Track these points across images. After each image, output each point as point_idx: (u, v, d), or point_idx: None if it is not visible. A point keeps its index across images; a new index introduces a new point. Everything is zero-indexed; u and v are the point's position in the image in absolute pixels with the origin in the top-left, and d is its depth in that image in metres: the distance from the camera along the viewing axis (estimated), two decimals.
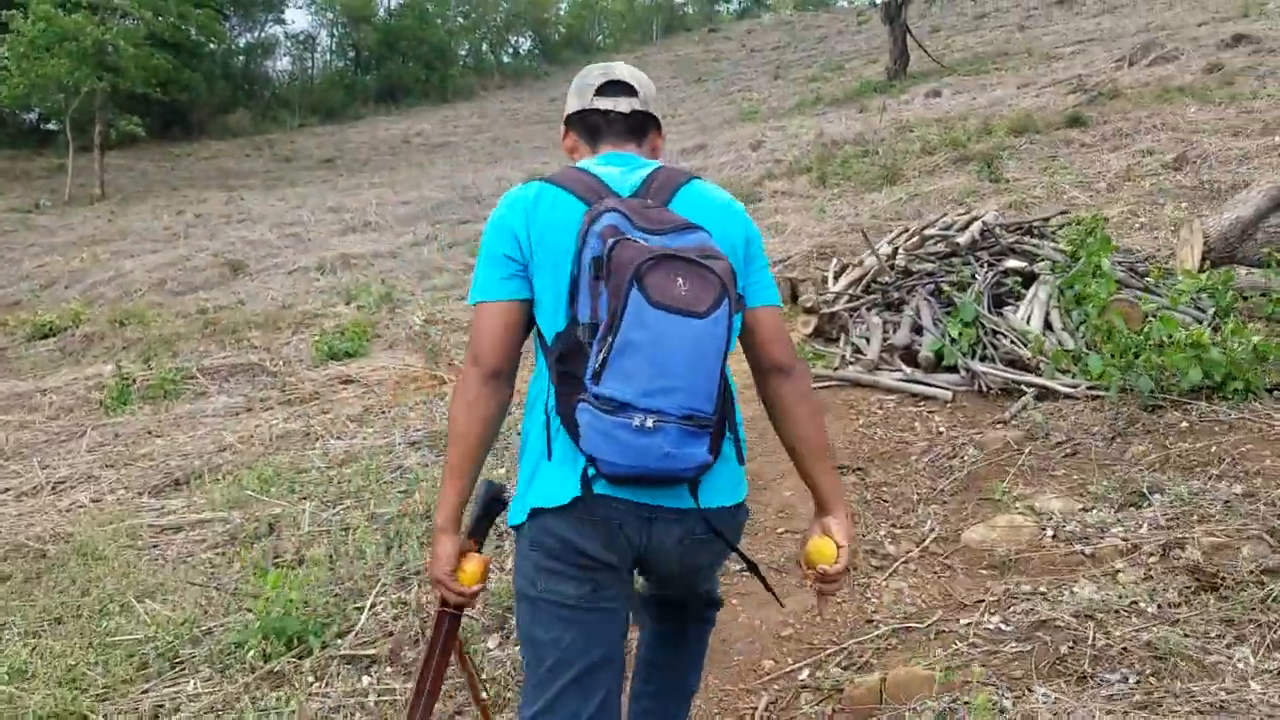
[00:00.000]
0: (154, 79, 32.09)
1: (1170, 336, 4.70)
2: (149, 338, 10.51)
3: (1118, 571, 3.31)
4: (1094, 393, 5.01)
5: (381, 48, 48.67)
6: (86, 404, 7.87)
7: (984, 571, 3.57)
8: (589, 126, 2.05)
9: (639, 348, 1.65)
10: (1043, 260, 6.42)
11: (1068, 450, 4.46)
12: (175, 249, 18.56)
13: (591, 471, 1.76)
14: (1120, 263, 6.40)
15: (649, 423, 1.65)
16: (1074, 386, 5.10)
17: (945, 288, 6.31)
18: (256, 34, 49.54)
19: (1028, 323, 5.90)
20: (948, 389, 5.47)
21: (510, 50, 57.61)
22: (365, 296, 11.20)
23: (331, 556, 4.19)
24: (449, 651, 2.02)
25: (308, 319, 10.87)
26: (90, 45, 29.29)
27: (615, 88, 2.03)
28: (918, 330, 6.05)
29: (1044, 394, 5.19)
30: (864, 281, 7.09)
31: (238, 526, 4.74)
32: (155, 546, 4.67)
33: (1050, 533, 3.72)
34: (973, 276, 6.35)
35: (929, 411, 5.40)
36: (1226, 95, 14.91)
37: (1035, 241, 6.70)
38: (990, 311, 5.98)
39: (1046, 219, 7.05)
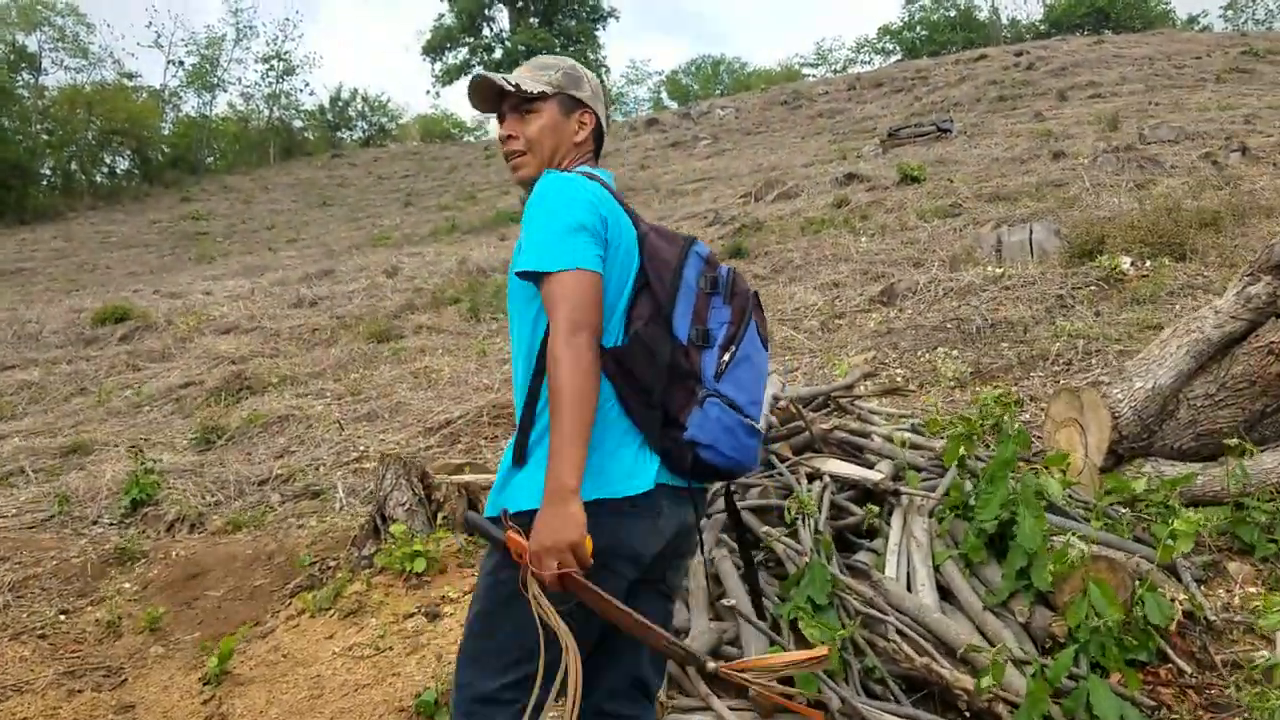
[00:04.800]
0: None
1: None
2: None
3: None
4: None
5: None
6: None
7: None
8: (600, 137, 2.13)
9: (751, 364, 1.88)
10: (879, 459, 3.75)
11: None
12: None
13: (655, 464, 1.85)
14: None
15: (758, 425, 1.86)
16: None
17: (748, 520, 3.41)
18: None
19: (907, 587, 3.13)
20: None
21: (105, 169, 49.66)
22: None
23: None
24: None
25: None
26: None
27: None
28: (716, 614, 3.07)
29: None
30: None
31: None
32: None
33: None
34: (786, 495, 3.51)
35: None
36: (875, 226, 13.93)
37: (855, 426, 4.03)
38: (845, 570, 3.15)
39: (849, 386, 4.47)
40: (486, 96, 2.09)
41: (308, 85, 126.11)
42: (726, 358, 1.84)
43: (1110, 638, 2.76)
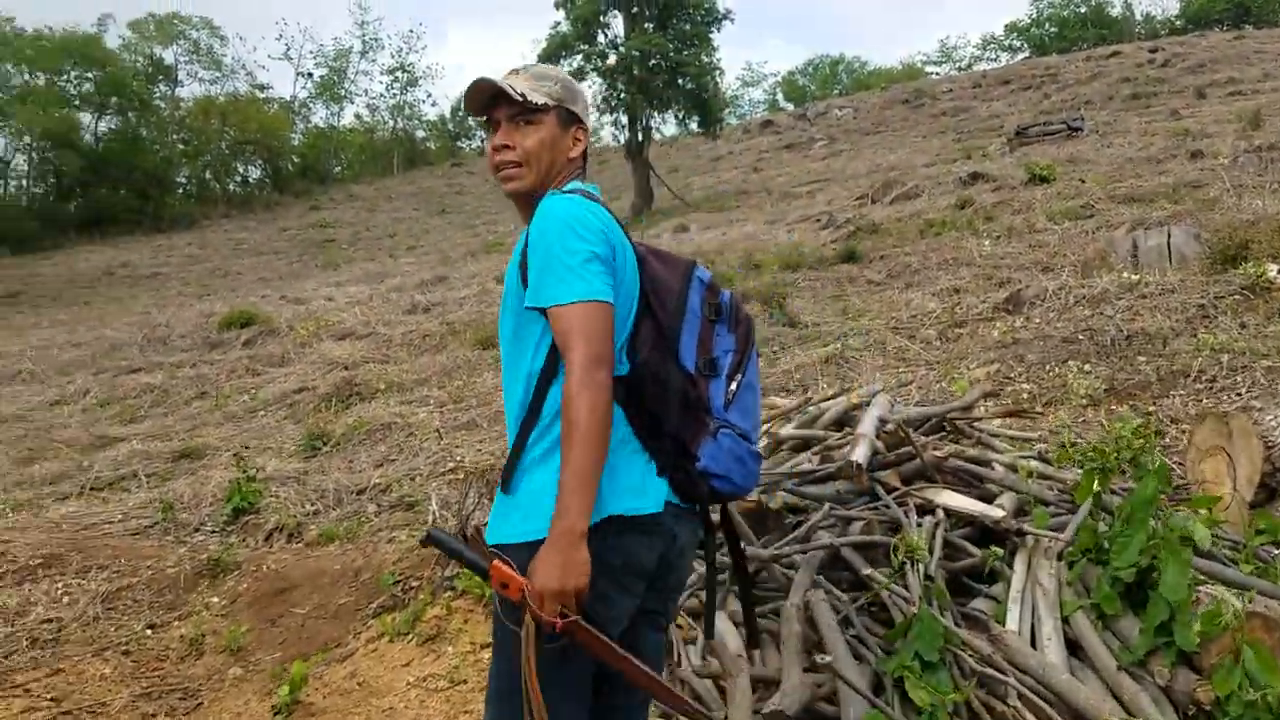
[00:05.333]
0: None
1: None
2: None
3: None
4: None
5: (87, 173, 41.93)
6: None
7: None
8: (585, 155, 2.04)
9: (753, 390, 1.90)
10: (1000, 492, 3.37)
11: None
12: None
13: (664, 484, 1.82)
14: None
15: (759, 451, 1.88)
16: None
17: (849, 558, 3.09)
18: None
19: (1031, 642, 2.76)
20: None
21: (238, 178, 51.99)
22: None
23: None
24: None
25: None
26: None
27: None
28: (812, 665, 2.76)
29: None
30: None
31: None
32: None
33: None
34: (893, 530, 3.18)
35: None
36: (1001, 228, 13.24)
37: (973, 452, 3.66)
38: (959, 621, 2.80)
39: (968, 406, 4.09)
40: (480, 100, 1.98)
41: (430, 96, 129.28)
42: (734, 386, 1.86)
43: (1266, 711, 2.35)
